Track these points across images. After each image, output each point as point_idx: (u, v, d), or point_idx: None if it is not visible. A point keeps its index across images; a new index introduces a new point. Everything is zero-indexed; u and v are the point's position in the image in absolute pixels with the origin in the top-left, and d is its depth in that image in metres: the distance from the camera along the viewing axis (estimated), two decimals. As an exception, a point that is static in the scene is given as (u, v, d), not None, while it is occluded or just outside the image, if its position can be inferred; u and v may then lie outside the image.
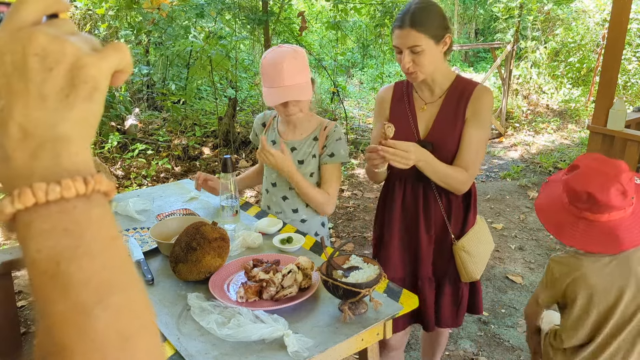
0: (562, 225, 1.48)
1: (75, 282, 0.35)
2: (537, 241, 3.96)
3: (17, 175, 0.36)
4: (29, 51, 0.37)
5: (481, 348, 2.71)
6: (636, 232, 1.40)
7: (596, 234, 1.44)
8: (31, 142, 0.36)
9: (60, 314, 0.35)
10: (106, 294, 0.36)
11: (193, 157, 5.43)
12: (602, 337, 1.51)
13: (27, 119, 0.36)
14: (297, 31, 5.99)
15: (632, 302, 1.46)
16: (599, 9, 7.66)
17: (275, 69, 1.79)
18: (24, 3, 0.38)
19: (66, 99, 0.38)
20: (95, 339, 0.35)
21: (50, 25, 0.38)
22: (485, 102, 1.83)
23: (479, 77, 10.06)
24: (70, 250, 0.36)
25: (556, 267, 1.55)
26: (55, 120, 0.37)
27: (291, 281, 1.43)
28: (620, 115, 4.03)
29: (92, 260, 0.36)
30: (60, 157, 0.37)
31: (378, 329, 1.39)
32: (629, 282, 1.45)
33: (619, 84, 7.32)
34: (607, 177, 1.39)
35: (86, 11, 5.04)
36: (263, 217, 2.03)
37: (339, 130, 1.98)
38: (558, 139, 6.86)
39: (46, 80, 0.37)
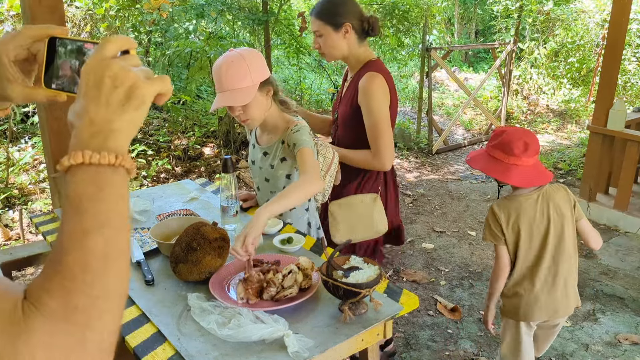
0: (505, 173, 1.90)
1: (87, 213, 0.54)
2: (537, 241, 3.96)
3: (79, 145, 0.57)
4: (105, 74, 0.58)
5: (481, 348, 2.72)
6: (543, 173, 1.91)
7: (531, 172, 1.88)
8: (93, 128, 0.57)
9: (70, 231, 0.54)
10: (103, 226, 0.54)
11: (193, 158, 5.43)
12: (542, 258, 1.94)
13: (95, 114, 0.57)
14: (297, 31, 6.00)
15: (557, 225, 1.94)
16: (599, 9, 7.66)
17: (216, 74, 1.78)
18: (108, 43, 0.60)
19: (122, 107, 0.58)
20: (86, 250, 0.53)
21: (123, 59, 0.60)
22: (368, 87, 2.03)
23: (479, 77, 10.06)
24: (91, 194, 0.55)
25: (498, 210, 1.97)
26: (112, 118, 0.58)
27: (291, 281, 1.43)
28: (620, 116, 4.03)
29: (101, 203, 0.55)
30: (107, 141, 0.57)
31: (378, 329, 1.39)
32: (552, 210, 1.93)
33: (619, 84, 7.32)
34: (530, 134, 1.93)
35: (86, 11, 5.04)
36: (263, 217, 2.03)
37: (299, 125, 1.88)
38: (558, 139, 6.86)
39: (112, 93, 0.58)
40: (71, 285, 0.52)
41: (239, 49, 1.81)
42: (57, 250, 0.54)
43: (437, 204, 4.72)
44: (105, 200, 0.56)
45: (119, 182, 0.58)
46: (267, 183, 2.00)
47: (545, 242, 1.94)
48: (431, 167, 5.83)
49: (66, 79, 0.70)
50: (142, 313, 1.41)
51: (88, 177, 0.56)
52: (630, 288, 3.28)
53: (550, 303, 1.95)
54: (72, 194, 0.55)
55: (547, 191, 1.95)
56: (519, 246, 1.96)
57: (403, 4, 6.48)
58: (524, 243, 1.95)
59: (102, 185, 0.56)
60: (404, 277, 3.42)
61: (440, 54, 6.33)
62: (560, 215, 1.94)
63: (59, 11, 2.38)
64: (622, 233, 4.06)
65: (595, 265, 3.58)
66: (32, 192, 4.37)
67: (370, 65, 2.09)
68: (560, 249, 1.95)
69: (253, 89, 1.77)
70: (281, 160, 1.93)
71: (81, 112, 0.58)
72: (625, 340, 2.77)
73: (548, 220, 1.93)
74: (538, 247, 1.95)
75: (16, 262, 2.69)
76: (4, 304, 0.52)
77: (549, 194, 1.95)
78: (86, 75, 0.59)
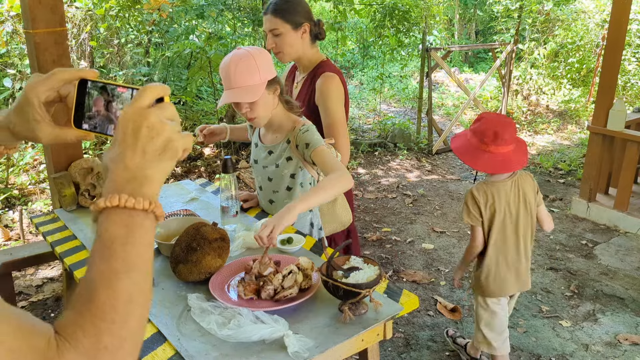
0: (473, 158, 2.08)
1: (117, 255, 0.57)
2: (537, 241, 3.96)
3: (114, 188, 0.60)
4: (144, 124, 0.62)
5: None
6: (517, 160, 2.09)
7: (498, 160, 2.07)
8: (128, 174, 0.61)
9: (101, 271, 0.57)
10: (132, 270, 0.57)
11: (193, 158, 5.43)
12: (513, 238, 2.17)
13: (130, 161, 0.61)
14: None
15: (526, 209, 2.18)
16: (599, 10, 7.66)
17: (224, 71, 1.77)
18: (146, 92, 0.63)
19: (158, 156, 0.62)
20: (115, 291, 0.56)
21: (159, 108, 0.64)
22: (326, 88, 2.08)
23: (479, 77, 10.06)
24: (123, 237, 0.58)
25: (477, 193, 2.15)
26: (147, 166, 0.62)
27: (291, 282, 1.43)
28: (620, 116, 4.03)
29: (132, 247, 0.59)
30: (142, 187, 0.61)
31: (378, 329, 1.39)
32: (522, 196, 2.17)
33: (619, 85, 7.32)
34: (504, 123, 2.08)
35: (87, 12, 5.04)
36: (263, 217, 2.03)
37: (307, 125, 1.89)
38: (558, 140, 6.86)
39: (149, 143, 0.62)
40: (102, 324, 0.55)
41: (247, 47, 1.81)
42: (88, 287, 0.57)
43: (437, 204, 4.72)
44: (136, 244, 0.59)
45: (148, 228, 0.61)
46: (270, 182, 2.00)
47: (516, 224, 2.16)
48: (431, 167, 5.83)
49: (96, 120, 0.73)
50: (142, 313, 1.41)
51: (121, 220, 0.59)
52: (630, 288, 3.28)
53: (518, 278, 2.20)
54: (105, 235, 0.59)
55: (518, 178, 2.18)
56: (492, 228, 2.16)
57: (403, 4, 6.48)
58: (497, 225, 2.15)
59: (133, 229, 0.59)
60: (404, 277, 3.42)
61: (440, 55, 6.33)
62: (528, 201, 2.18)
63: (59, 11, 2.38)
64: (622, 233, 4.06)
65: (595, 266, 3.58)
66: (32, 193, 4.37)
67: (324, 66, 2.15)
68: (527, 231, 2.19)
69: (261, 87, 1.77)
70: (287, 159, 1.92)
71: (117, 158, 0.62)
72: (625, 340, 2.77)
73: (519, 204, 2.17)
74: (509, 229, 2.16)
75: (16, 262, 2.69)
76: (38, 340, 0.53)
77: (520, 181, 2.18)
78: (125, 123, 0.62)
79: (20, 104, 0.72)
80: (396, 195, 4.92)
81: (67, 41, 2.49)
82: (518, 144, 2.15)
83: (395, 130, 6.52)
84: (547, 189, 5.13)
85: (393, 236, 4.03)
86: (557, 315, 3.00)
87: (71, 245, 1.85)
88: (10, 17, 4.48)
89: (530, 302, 3.14)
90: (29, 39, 2.38)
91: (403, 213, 4.51)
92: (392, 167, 5.77)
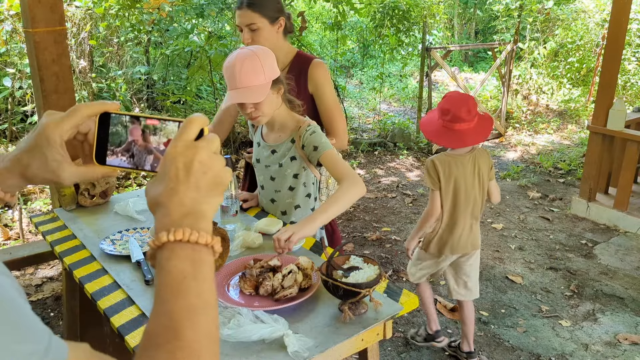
0: (435, 134, 2.34)
1: (192, 291, 0.57)
2: (537, 241, 3.96)
3: (172, 224, 0.60)
4: (196, 158, 0.61)
5: (481, 348, 2.72)
6: (474, 136, 2.31)
7: (456, 137, 2.31)
8: (183, 209, 0.60)
9: (180, 308, 0.56)
10: (207, 305, 0.58)
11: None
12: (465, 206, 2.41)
13: (184, 196, 0.61)
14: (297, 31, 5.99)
15: (479, 182, 2.43)
16: (599, 9, 7.66)
17: (229, 71, 1.75)
18: (191, 125, 0.63)
19: (210, 191, 0.62)
20: (198, 328, 0.56)
21: (207, 142, 0.63)
22: (322, 75, 2.16)
23: (479, 77, 10.06)
24: (192, 273, 0.58)
25: (437, 162, 2.38)
26: (201, 201, 0.62)
27: (291, 281, 1.43)
28: (620, 116, 4.03)
29: (202, 283, 0.58)
30: (199, 222, 0.61)
31: (378, 329, 1.39)
32: (478, 170, 2.41)
33: (619, 84, 7.31)
34: (461, 102, 2.29)
35: (86, 10, 5.03)
36: (263, 217, 2.03)
37: (312, 125, 1.90)
38: (558, 139, 6.86)
39: (202, 178, 0.62)
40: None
41: (251, 47, 1.79)
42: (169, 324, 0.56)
43: (437, 204, 4.71)
44: (206, 279, 0.59)
45: (211, 263, 0.61)
46: (273, 182, 1.99)
47: (470, 194, 2.43)
48: (431, 167, 5.83)
49: (125, 154, 0.70)
50: (142, 313, 1.40)
51: (186, 255, 0.59)
52: (630, 288, 3.28)
53: (467, 240, 2.46)
54: (174, 270, 0.58)
55: (476, 154, 2.43)
56: (448, 195, 2.41)
57: (403, 4, 6.48)
58: (452, 193, 2.41)
59: (200, 264, 0.59)
60: (403, 277, 3.41)
61: (440, 54, 6.33)
62: (482, 175, 2.44)
63: (59, 10, 2.38)
64: (622, 233, 4.06)
65: (595, 265, 3.58)
66: (32, 192, 4.37)
67: (305, 56, 2.21)
68: (478, 200, 2.46)
69: (267, 87, 1.76)
70: (291, 159, 1.92)
71: (169, 192, 0.61)
72: (625, 340, 2.77)
73: (474, 177, 2.42)
74: (464, 198, 2.42)
75: (16, 261, 2.69)
76: None
77: (477, 156, 2.43)
78: (175, 157, 0.62)
79: (38, 145, 0.67)
80: (396, 195, 4.92)
81: (66, 40, 2.49)
82: (481, 121, 2.35)
83: (395, 130, 6.51)
84: (547, 188, 5.13)
85: (393, 236, 4.03)
86: (556, 315, 3.00)
87: (70, 245, 1.85)
88: (10, 16, 4.48)
89: (530, 301, 3.14)
90: (29, 38, 2.38)
91: (403, 213, 4.51)
92: (392, 167, 5.76)
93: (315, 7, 9.46)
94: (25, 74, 4.65)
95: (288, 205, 2.00)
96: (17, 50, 4.66)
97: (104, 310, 1.43)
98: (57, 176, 0.69)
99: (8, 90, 4.62)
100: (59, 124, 0.68)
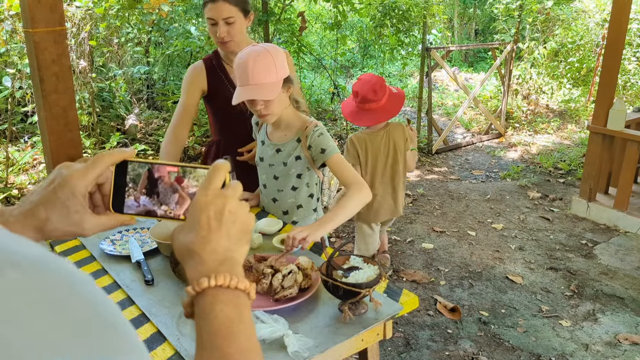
0: (351, 115, 2.66)
1: (241, 335, 0.59)
2: (537, 241, 3.96)
3: (207, 271, 0.61)
4: (226, 208, 0.63)
5: (481, 348, 2.72)
6: (384, 114, 2.60)
7: (365, 115, 2.62)
8: (217, 256, 0.62)
9: (232, 353, 0.57)
10: (253, 349, 0.59)
11: (193, 157, 5.43)
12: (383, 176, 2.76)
13: (217, 244, 0.62)
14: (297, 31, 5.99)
15: (394, 154, 2.74)
16: (599, 9, 7.66)
17: (241, 68, 1.75)
18: (219, 173, 0.65)
19: (240, 240, 0.65)
20: None
21: (234, 190, 0.65)
22: (290, 62, 2.22)
23: (479, 77, 10.06)
24: (240, 317, 0.60)
25: (355, 140, 2.72)
26: (233, 249, 0.64)
27: (291, 282, 1.43)
28: (620, 116, 4.03)
29: (247, 328, 0.60)
30: (234, 268, 0.63)
31: (378, 329, 1.39)
32: (392, 143, 2.71)
33: (619, 84, 7.31)
34: (367, 83, 2.60)
35: (86, 11, 5.03)
36: (263, 217, 2.03)
37: (320, 127, 1.90)
38: (558, 139, 6.86)
39: (232, 226, 0.63)
40: None
41: (262, 44, 1.81)
42: None
43: (437, 204, 4.71)
44: (249, 324, 0.60)
45: (249, 307, 0.63)
46: (276, 181, 1.99)
47: (386, 165, 2.74)
48: (431, 167, 5.83)
49: (139, 201, 0.70)
50: (142, 313, 1.41)
51: (230, 300, 0.60)
52: (630, 288, 3.28)
53: (388, 207, 2.77)
54: (221, 315, 0.59)
55: (390, 129, 2.74)
56: (368, 169, 2.73)
57: (403, 4, 6.47)
58: (371, 166, 2.73)
59: (242, 309, 0.61)
60: (403, 277, 3.41)
61: (440, 54, 6.33)
62: (398, 147, 2.73)
63: (59, 10, 2.37)
64: (622, 233, 4.06)
65: (595, 265, 3.58)
66: (32, 192, 4.36)
67: None
68: (395, 169, 2.77)
69: (278, 85, 1.77)
70: (296, 158, 1.92)
71: (201, 241, 0.63)
72: (625, 340, 2.77)
73: (389, 150, 2.73)
74: (381, 170, 2.74)
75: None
76: None
77: (391, 131, 2.75)
78: (207, 206, 0.63)
79: (60, 198, 0.65)
80: (396, 195, 4.92)
81: (66, 40, 2.48)
82: (391, 99, 2.63)
83: (395, 130, 6.51)
84: (547, 188, 5.13)
85: (393, 236, 4.03)
86: (557, 315, 3.00)
87: (70, 245, 1.85)
88: (10, 16, 4.48)
89: (530, 301, 3.14)
90: (28, 38, 2.37)
91: (402, 212, 4.51)
92: (392, 167, 5.77)
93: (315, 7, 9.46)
94: (25, 74, 4.64)
95: (290, 204, 2.00)
96: (17, 50, 4.66)
97: (104, 310, 1.43)
98: (81, 228, 0.67)
99: (8, 90, 4.62)
100: (84, 175, 0.66)
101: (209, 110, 2.44)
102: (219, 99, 2.29)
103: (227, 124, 2.38)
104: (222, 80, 2.29)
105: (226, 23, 2.09)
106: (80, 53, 5.18)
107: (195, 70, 2.29)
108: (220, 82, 2.29)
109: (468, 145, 6.72)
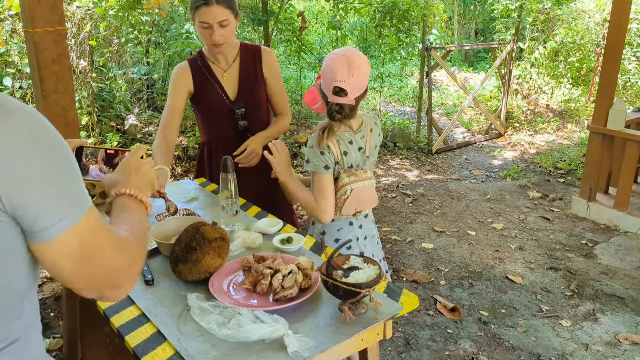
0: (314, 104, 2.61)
1: (141, 219, 1.08)
2: (537, 241, 3.96)
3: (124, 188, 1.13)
4: (141, 168, 1.22)
5: (481, 348, 2.72)
6: None
7: None
8: (127, 184, 1.15)
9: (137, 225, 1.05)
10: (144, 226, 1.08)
11: (193, 158, 5.43)
12: None
13: (132, 184, 1.15)
14: (297, 31, 5.99)
15: None
16: (599, 9, 7.65)
17: None
18: (137, 151, 1.28)
19: (147, 187, 1.22)
20: (144, 235, 1.04)
21: (146, 161, 1.26)
22: (274, 60, 2.35)
23: (479, 77, 10.06)
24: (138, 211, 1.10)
25: None
26: (141, 189, 1.15)
27: (291, 282, 1.42)
28: (620, 115, 4.03)
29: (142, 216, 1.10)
30: (139, 192, 1.13)
31: (378, 329, 1.39)
32: None
33: (619, 84, 7.31)
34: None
35: (86, 11, 5.03)
36: (263, 217, 2.03)
37: (311, 138, 1.90)
38: (558, 139, 6.86)
39: (143, 177, 1.21)
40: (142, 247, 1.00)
41: None
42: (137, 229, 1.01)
43: (437, 204, 4.71)
44: (143, 222, 1.08)
45: (145, 214, 1.12)
46: None
47: None
48: (431, 167, 5.83)
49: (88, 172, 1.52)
50: (142, 313, 1.40)
51: (134, 202, 1.11)
52: (630, 288, 3.28)
53: None
54: (129, 207, 1.09)
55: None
56: None
57: (403, 3, 6.47)
58: None
59: (141, 212, 1.11)
60: (403, 277, 3.41)
61: (440, 54, 6.33)
62: None
63: (59, 10, 2.38)
64: (622, 233, 4.06)
65: (595, 265, 3.58)
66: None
67: (250, 44, 2.36)
68: None
69: None
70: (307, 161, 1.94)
71: (124, 180, 1.16)
72: (625, 340, 2.77)
73: None
74: None
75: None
76: None
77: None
78: (130, 163, 1.22)
79: None
80: (396, 195, 4.92)
81: (66, 40, 2.48)
82: None
83: (395, 130, 6.51)
84: (547, 188, 5.13)
85: (393, 235, 4.03)
86: (557, 315, 3.00)
87: (71, 245, 1.84)
88: (10, 16, 4.48)
89: (530, 301, 3.14)
90: (28, 38, 2.37)
91: (403, 212, 4.51)
92: (392, 167, 5.76)
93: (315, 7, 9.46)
94: (25, 74, 4.64)
95: None
96: (17, 50, 4.66)
97: (104, 310, 1.43)
98: None
99: (8, 90, 4.62)
100: None
101: (196, 111, 2.41)
102: (206, 98, 2.28)
103: (214, 123, 2.37)
104: (208, 79, 2.27)
105: (221, 26, 2.08)
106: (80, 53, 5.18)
107: (180, 71, 2.28)
108: (206, 81, 2.27)
109: (468, 145, 6.72)
